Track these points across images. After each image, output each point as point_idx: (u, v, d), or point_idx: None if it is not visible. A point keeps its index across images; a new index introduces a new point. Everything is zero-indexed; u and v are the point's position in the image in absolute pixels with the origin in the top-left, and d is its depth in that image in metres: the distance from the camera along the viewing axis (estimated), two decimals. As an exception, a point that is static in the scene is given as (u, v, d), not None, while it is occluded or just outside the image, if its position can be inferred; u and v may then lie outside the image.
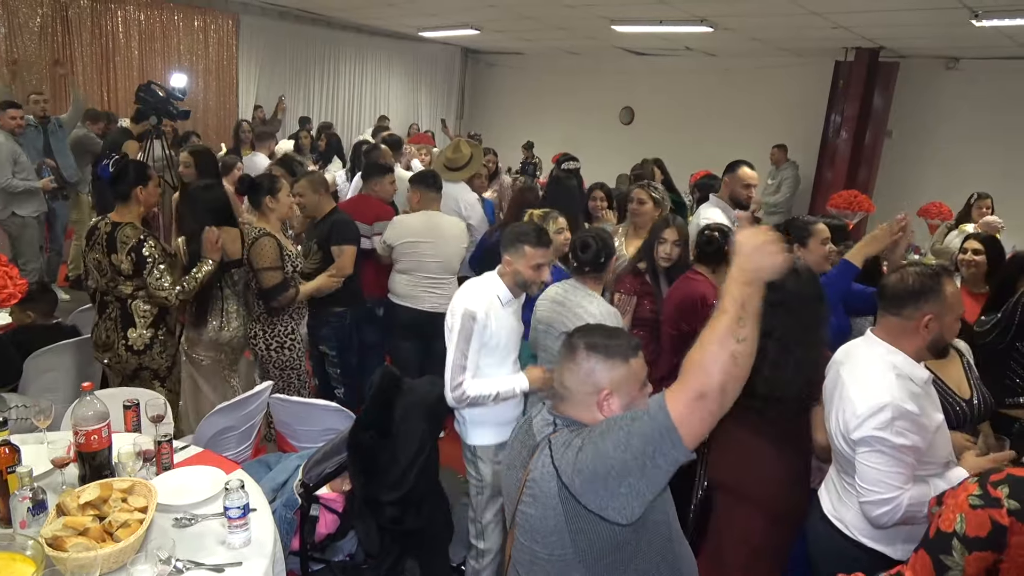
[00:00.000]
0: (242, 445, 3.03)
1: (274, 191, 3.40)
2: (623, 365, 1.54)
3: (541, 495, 1.50)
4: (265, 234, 3.30)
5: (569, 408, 1.57)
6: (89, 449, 2.08)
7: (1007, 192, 7.67)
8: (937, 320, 1.91)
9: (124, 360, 3.10)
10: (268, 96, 10.15)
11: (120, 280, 3.03)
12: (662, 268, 3.36)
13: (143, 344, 3.10)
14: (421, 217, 3.99)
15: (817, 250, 2.92)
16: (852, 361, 2.02)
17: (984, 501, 1.43)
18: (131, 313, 3.08)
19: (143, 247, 2.97)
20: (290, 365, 3.46)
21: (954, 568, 1.44)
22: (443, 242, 3.92)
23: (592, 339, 1.57)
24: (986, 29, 6.25)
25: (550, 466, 1.49)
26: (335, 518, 2.54)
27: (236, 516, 1.92)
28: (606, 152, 9.94)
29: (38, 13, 8.05)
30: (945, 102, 8.60)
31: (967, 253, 3.54)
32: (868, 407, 1.86)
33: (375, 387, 2.44)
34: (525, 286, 2.60)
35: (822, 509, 2.14)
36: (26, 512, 1.86)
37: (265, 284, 3.28)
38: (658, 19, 7.53)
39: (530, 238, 2.54)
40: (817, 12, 6.48)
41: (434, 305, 3.90)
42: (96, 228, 3.08)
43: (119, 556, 1.75)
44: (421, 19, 9.80)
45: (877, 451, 1.84)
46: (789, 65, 9.45)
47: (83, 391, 2.09)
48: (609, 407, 1.53)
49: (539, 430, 1.61)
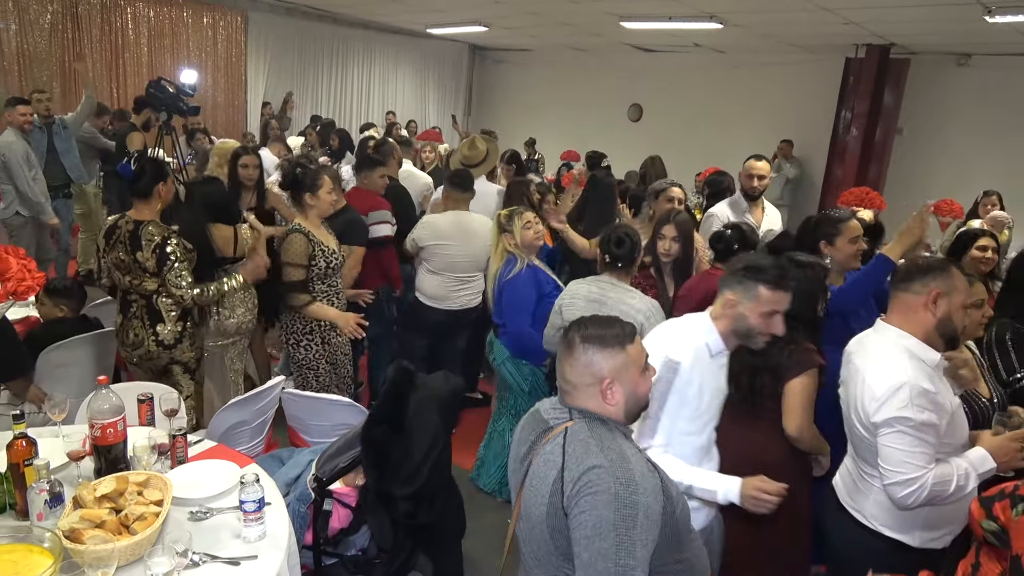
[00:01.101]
0: (255, 440, 3.04)
1: (315, 188, 3.40)
2: (620, 352, 1.57)
3: (538, 480, 1.55)
4: (297, 230, 3.36)
5: (577, 400, 1.60)
6: (105, 442, 2.08)
7: (1018, 189, 7.62)
8: (945, 297, 1.92)
9: (156, 356, 3.09)
10: (277, 92, 10.17)
11: (145, 277, 3.02)
12: (665, 263, 3.43)
13: (173, 338, 3.09)
14: (450, 218, 4.06)
15: (845, 248, 2.85)
16: (865, 349, 2.05)
17: None
18: (158, 309, 3.07)
19: (167, 244, 2.98)
20: (306, 364, 3.46)
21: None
22: (473, 241, 4.00)
23: (588, 331, 1.59)
24: (999, 25, 6.20)
25: (559, 454, 1.52)
26: (348, 513, 2.53)
27: (252, 510, 1.92)
28: (614, 149, 9.89)
29: (48, 10, 8.09)
30: (956, 99, 8.55)
31: (987, 251, 3.38)
32: (886, 388, 1.88)
33: (388, 381, 2.43)
34: (747, 336, 2.05)
35: (838, 499, 2.14)
36: (43, 505, 1.86)
37: (285, 277, 3.34)
38: (667, 15, 7.50)
39: (767, 276, 2.00)
40: (828, 8, 6.44)
41: (464, 303, 4.04)
42: (116, 227, 3.06)
43: (136, 549, 1.75)
44: (429, 15, 9.80)
45: (899, 431, 1.86)
46: (799, 62, 9.40)
47: (98, 384, 2.10)
48: (613, 395, 1.56)
49: (550, 416, 1.64)
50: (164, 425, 2.39)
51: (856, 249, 2.86)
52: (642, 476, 1.46)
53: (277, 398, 3.06)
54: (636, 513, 1.41)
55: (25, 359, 2.96)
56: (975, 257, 3.43)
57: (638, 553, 1.39)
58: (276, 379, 3.04)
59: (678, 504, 1.55)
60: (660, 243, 3.39)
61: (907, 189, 8.71)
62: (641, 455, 1.55)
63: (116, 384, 2.78)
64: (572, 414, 1.59)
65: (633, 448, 1.55)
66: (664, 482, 1.53)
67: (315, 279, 3.41)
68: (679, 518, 1.54)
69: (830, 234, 2.86)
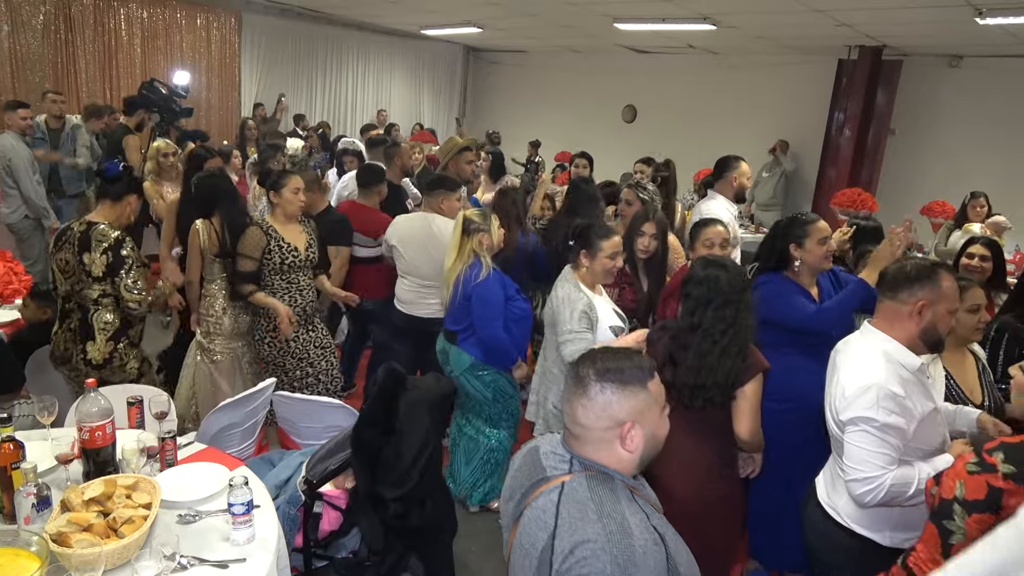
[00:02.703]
0: (245, 442, 3.03)
1: (279, 187, 3.46)
2: (642, 391, 1.37)
3: (527, 541, 1.39)
4: (257, 224, 3.44)
5: (587, 448, 1.39)
6: (93, 445, 2.08)
7: (1011, 190, 7.66)
8: (930, 308, 1.96)
9: (84, 374, 2.97)
10: (270, 94, 10.15)
11: (87, 283, 2.91)
12: (640, 260, 3.47)
13: (102, 358, 3.00)
14: (413, 220, 3.91)
15: (815, 250, 2.80)
16: (847, 349, 2.10)
17: (980, 467, 1.54)
18: (91, 325, 2.96)
19: (122, 247, 2.90)
20: (271, 360, 3.53)
21: (957, 532, 1.55)
22: (435, 245, 3.73)
23: (603, 365, 1.38)
24: (990, 27, 6.23)
25: (552, 514, 1.35)
26: (339, 515, 2.53)
27: (240, 512, 1.92)
28: (609, 151, 9.94)
29: (41, 11, 8.06)
30: (948, 100, 8.58)
31: (974, 259, 3.45)
32: (856, 388, 1.94)
33: (379, 384, 2.43)
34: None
35: (817, 496, 2.18)
36: (31, 508, 1.86)
37: (237, 267, 3.43)
38: (661, 17, 7.52)
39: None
40: (820, 10, 6.46)
41: (430, 311, 3.84)
42: (69, 228, 2.99)
43: (123, 552, 1.75)
44: (423, 16, 9.79)
45: (863, 431, 1.91)
46: (792, 63, 9.44)
47: (87, 387, 2.09)
48: (632, 441, 1.36)
49: (548, 464, 1.45)
50: (154, 428, 2.39)
51: (826, 250, 2.81)
52: (644, 553, 1.27)
53: (268, 400, 3.06)
54: None
55: (17, 374, 2.93)
56: (963, 264, 3.45)
57: None
58: (266, 381, 3.04)
59: None
60: (640, 240, 3.45)
61: (900, 190, 8.75)
62: (646, 522, 1.33)
63: (106, 387, 2.77)
64: (573, 465, 1.40)
65: (638, 514, 1.34)
66: (671, 554, 1.31)
67: (271, 272, 3.46)
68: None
69: (799, 236, 2.81)
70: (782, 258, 2.86)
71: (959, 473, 1.58)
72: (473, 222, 3.27)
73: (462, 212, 3.37)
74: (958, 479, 1.57)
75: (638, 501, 1.38)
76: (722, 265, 2.39)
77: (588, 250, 2.95)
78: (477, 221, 3.27)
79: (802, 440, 2.60)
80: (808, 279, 2.86)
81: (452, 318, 3.35)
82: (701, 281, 2.35)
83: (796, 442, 2.63)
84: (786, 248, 2.84)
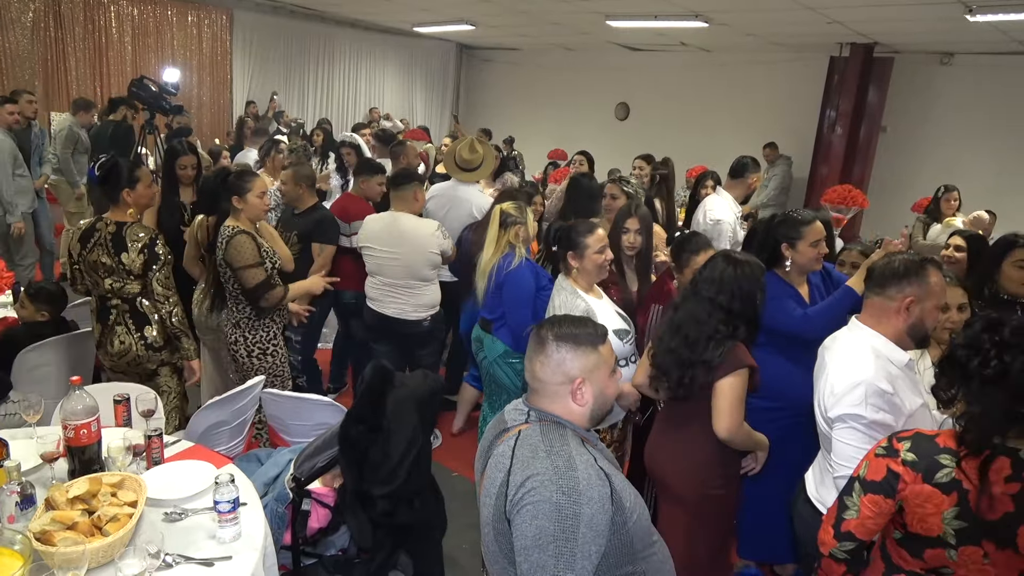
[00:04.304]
0: (234, 440, 3.02)
1: (242, 191, 3.14)
2: (593, 353, 1.56)
3: (488, 482, 1.55)
4: (240, 232, 3.10)
5: (543, 400, 1.59)
6: (78, 443, 2.06)
7: (1001, 186, 7.70)
8: (918, 304, 1.96)
9: (146, 360, 3.04)
10: (262, 91, 10.12)
11: (130, 280, 2.98)
12: (627, 257, 3.35)
13: (163, 339, 3.06)
14: (384, 219, 3.84)
15: (807, 252, 2.74)
16: (835, 346, 2.10)
17: (887, 452, 1.60)
18: (143, 312, 3.02)
19: (155, 244, 2.96)
20: (273, 371, 3.30)
21: (851, 508, 1.62)
22: (406, 247, 3.70)
23: (561, 329, 1.58)
24: (980, 24, 6.26)
25: (508, 456, 1.52)
26: (327, 512, 2.52)
27: (226, 510, 1.91)
28: (602, 148, 9.94)
29: (30, 8, 8.02)
30: (940, 97, 8.62)
31: (949, 248, 3.48)
32: (844, 384, 1.94)
33: (366, 381, 2.42)
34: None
35: (806, 491, 2.18)
36: (14, 507, 1.85)
37: (248, 284, 3.08)
38: (653, 14, 7.53)
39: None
40: (812, 7, 6.48)
41: (398, 311, 3.80)
42: (94, 229, 2.99)
43: (108, 550, 1.74)
44: (416, 14, 9.78)
45: (851, 427, 1.92)
46: (784, 60, 9.46)
47: (72, 385, 2.08)
48: (583, 395, 1.56)
49: (510, 417, 1.64)
50: (141, 426, 2.37)
51: (817, 253, 2.74)
52: (588, 485, 1.41)
53: (257, 398, 3.05)
54: (578, 524, 1.38)
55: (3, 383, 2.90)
56: (942, 255, 3.43)
57: (578, 565, 1.36)
58: (255, 379, 3.03)
59: (632, 514, 1.49)
60: (625, 236, 3.30)
61: (891, 186, 8.78)
62: (592, 462, 1.47)
63: (92, 385, 2.76)
64: (530, 416, 1.59)
65: (585, 455, 1.49)
66: (616, 491, 1.46)
67: None
68: (632, 529, 1.48)
69: (791, 237, 2.74)
70: (772, 255, 2.81)
71: (869, 455, 1.64)
72: (510, 215, 3.27)
73: (498, 207, 3.36)
74: (867, 460, 1.63)
75: (587, 447, 1.53)
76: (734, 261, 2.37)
77: (574, 251, 2.86)
78: (514, 214, 3.27)
79: (791, 436, 2.61)
80: (798, 278, 2.84)
81: (487, 307, 3.39)
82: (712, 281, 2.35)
83: (786, 438, 2.63)
84: (777, 246, 2.80)
